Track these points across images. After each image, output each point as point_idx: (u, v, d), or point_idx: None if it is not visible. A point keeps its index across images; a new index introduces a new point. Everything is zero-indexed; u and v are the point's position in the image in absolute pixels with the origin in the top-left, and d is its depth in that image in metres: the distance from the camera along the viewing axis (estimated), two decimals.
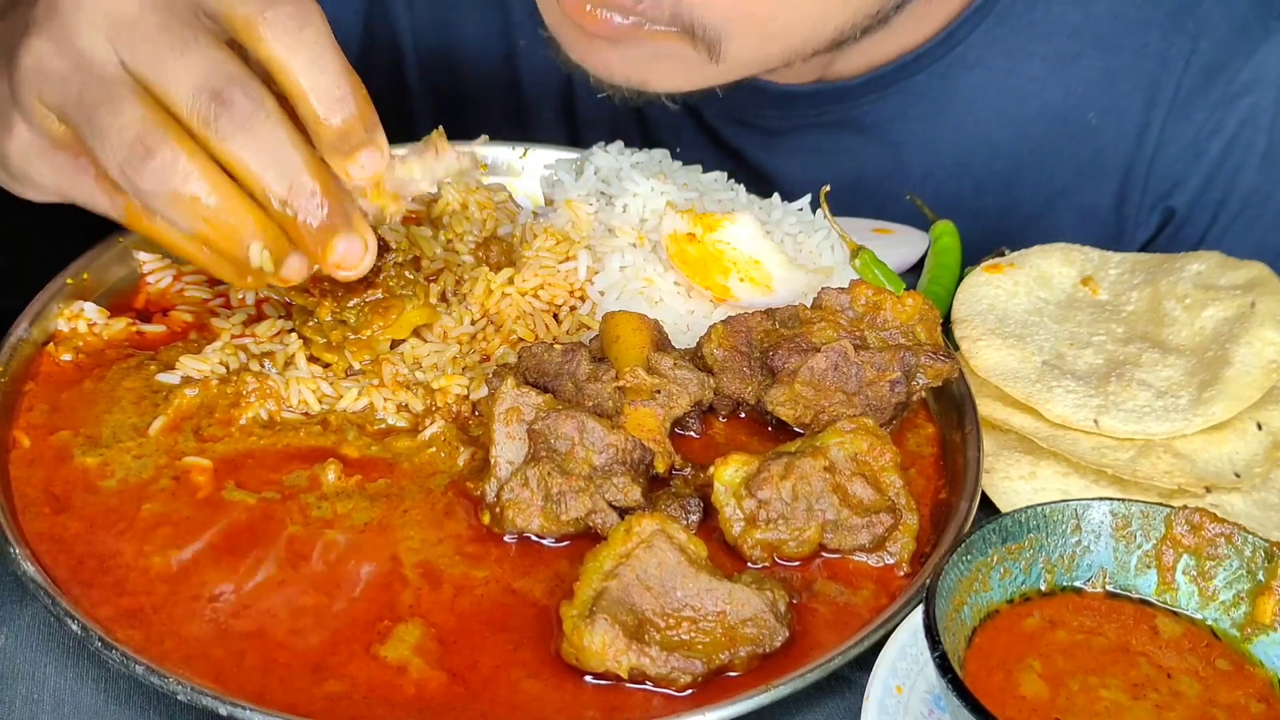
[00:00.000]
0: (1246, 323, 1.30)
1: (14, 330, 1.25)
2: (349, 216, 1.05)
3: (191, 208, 1.01)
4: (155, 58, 0.98)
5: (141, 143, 0.99)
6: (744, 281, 1.33)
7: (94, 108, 1.00)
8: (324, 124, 1.01)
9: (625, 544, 1.04)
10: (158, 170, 0.99)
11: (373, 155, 1.03)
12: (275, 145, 0.99)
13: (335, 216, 1.03)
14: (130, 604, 1.05)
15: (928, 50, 1.57)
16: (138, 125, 0.99)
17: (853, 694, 1.05)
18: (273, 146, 0.99)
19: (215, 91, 0.97)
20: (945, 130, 1.61)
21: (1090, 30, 1.57)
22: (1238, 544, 1.01)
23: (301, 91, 1.00)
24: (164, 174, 0.99)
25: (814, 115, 1.62)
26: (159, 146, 0.99)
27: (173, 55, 0.98)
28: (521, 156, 1.55)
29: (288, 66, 1.00)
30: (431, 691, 1.00)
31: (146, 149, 0.99)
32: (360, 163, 1.03)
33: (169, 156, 0.99)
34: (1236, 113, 1.56)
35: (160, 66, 0.98)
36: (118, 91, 0.99)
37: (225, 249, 1.04)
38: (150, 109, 0.99)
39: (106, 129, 0.99)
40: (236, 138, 0.98)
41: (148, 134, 0.99)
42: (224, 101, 0.97)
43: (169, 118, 1.00)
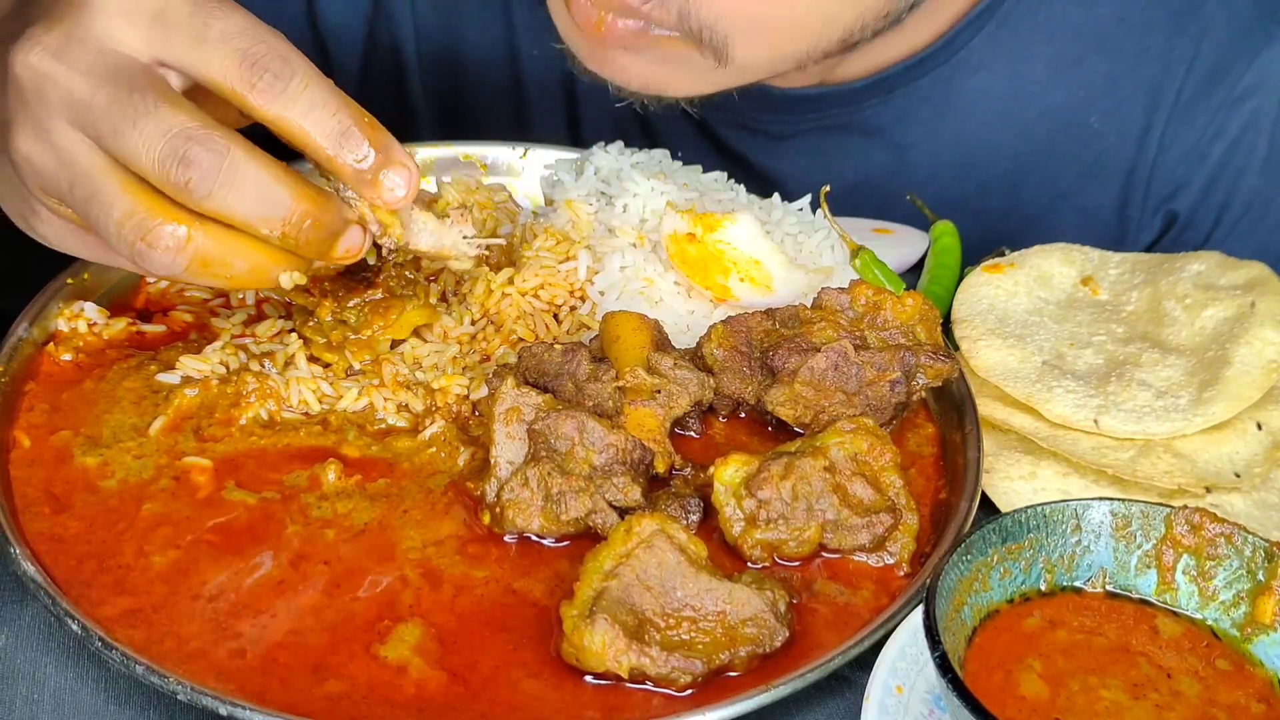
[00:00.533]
0: (1246, 323, 1.30)
1: (14, 330, 1.25)
2: (346, 216, 1.05)
3: (207, 270, 1.02)
4: (114, 134, 0.97)
5: (140, 233, 0.99)
6: (744, 281, 1.33)
7: (85, 204, 1.00)
8: (337, 164, 1.02)
9: (625, 544, 1.04)
10: (166, 253, 0.99)
11: (398, 174, 1.03)
12: (253, 189, 0.99)
13: (332, 224, 1.04)
14: (130, 604, 1.05)
15: (931, 53, 1.57)
16: (130, 218, 0.99)
17: (853, 694, 1.05)
18: (251, 191, 0.99)
19: (177, 156, 0.96)
20: (948, 133, 1.61)
21: (1093, 34, 1.57)
22: (1238, 544, 1.01)
23: (306, 142, 1.00)
24: (173, 254, 1.00)
25: (817, 119, 1.62)
26: (157, 232, 0.99)
27: (128, 128, 0.97)
28: (521, 157, 1.55)
29: (286, 125, 1.00)
30: (431, 691, 1.00)
31: (147, 238, 0.99)
32: (388, 187, 1.04)
33: (171, 240, 0.99)
34: (1239, 116, 1.56)
35: (121, 142, 0.97)
36: (100, 183, 0.99)
37: (258, 285, 1.06)
38: (135, 194, 0.99)
39: (105, 225, 1.00)
40: (214, 196, 0.98)
41: (142, 224, 0.99)
42: (188, 163, 0.96)
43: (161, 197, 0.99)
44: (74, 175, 1.00)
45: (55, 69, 0.99)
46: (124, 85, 0.97)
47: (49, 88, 0.99)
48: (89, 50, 0.99)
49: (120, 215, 0.99)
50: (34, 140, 1.01)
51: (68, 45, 0.99)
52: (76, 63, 0.99)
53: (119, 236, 0.99)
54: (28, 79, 1.00)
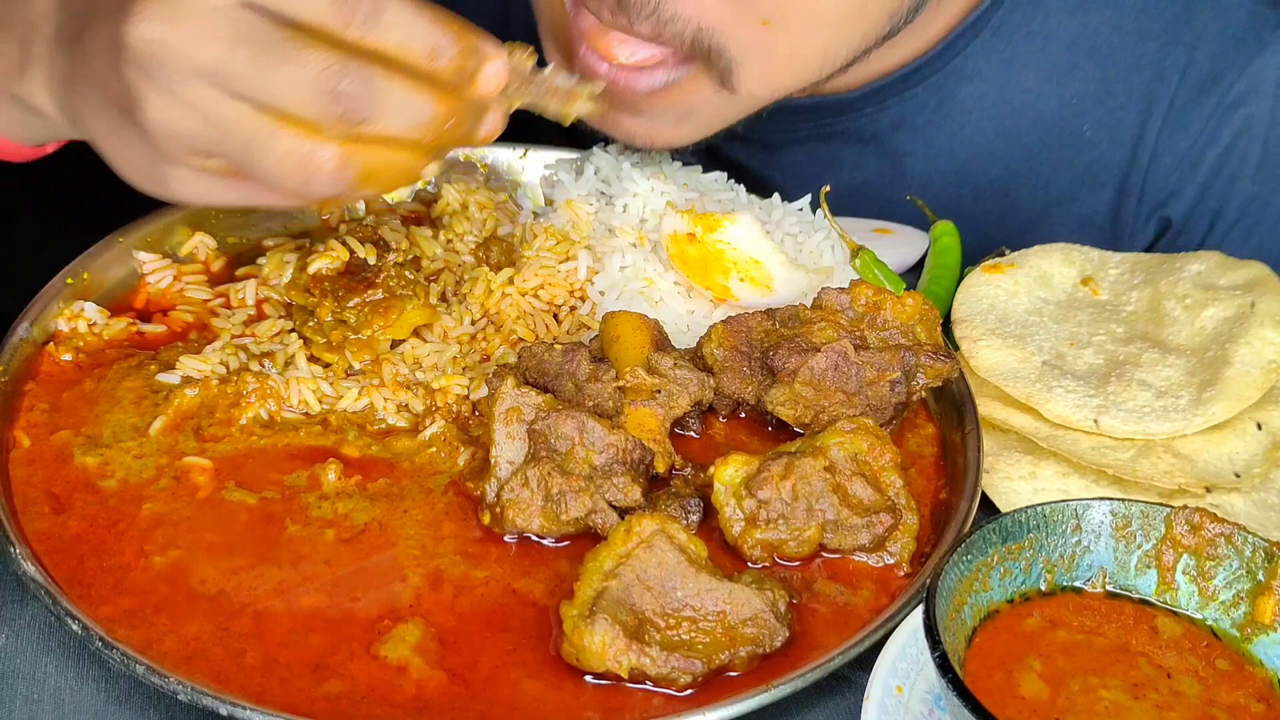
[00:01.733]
0: (1246, 323, 1.30)
1: (14, 330, 1.25)
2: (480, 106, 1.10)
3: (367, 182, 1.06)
4: (261, 90, 1.01)
5: (304, 165, 1.03)
6: (744, 281, 1.33)
7: (242, 152, 1.03)
8: (436, 75, 1.06)
9: (625, 544, 1.04)
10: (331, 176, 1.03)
11: (491, 68, 1.08)
12: (398, 106, 1.03)
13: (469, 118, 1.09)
14: (130, 604, 1.05)
15: (926, 62, 1.58)
16: (292, 154, 1.02)
17: (853, 694, 1.05)
18: (397, 108, 1.03)
19: (327, 95, 1.01)
20: (943, 141, 1.62)
21: (1087, 42, 1.58)
22: (1238, 544, 1.01)
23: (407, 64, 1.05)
24: (337, 176, 1.04)
25: (812, 127, 1.63)
26: (318, 161, 1.03)
27: (271, 82, 1.01)
28: (521, 157, 1.55)
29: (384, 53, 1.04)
30: (431, 691, 1.00)
31: (310, 168, 1.03)
32: (483, 82, 1.08)
33: (333, 163, 1.03)
34: (1232, 123, 1.56)
35: (269, 96, 1.01)
36: (253, 128, 1.02)
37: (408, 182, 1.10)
38: (290, 128, 1.02)
39: (266, 166, 1.03)
40: (367, 122, 1.02)
41: (304, 157, 1.02)
42: (339, 97, 1.01)
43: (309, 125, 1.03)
44: (223, 128, 1.03)
45: (173, 36, 1.01)
46: (256, 41, 1.00)
47: (171, 55, 1.01)
48: (198, 11, 1.01)
49: (282, 153, 1.02)
50: (168, 106, 1.03)
51: (176, 10, 1.01)
52: (192, 27, 1.01)
53: (283, 172, 1.03)
54: (148, 51, 1.01)
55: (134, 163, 1.10)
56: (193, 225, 1.42)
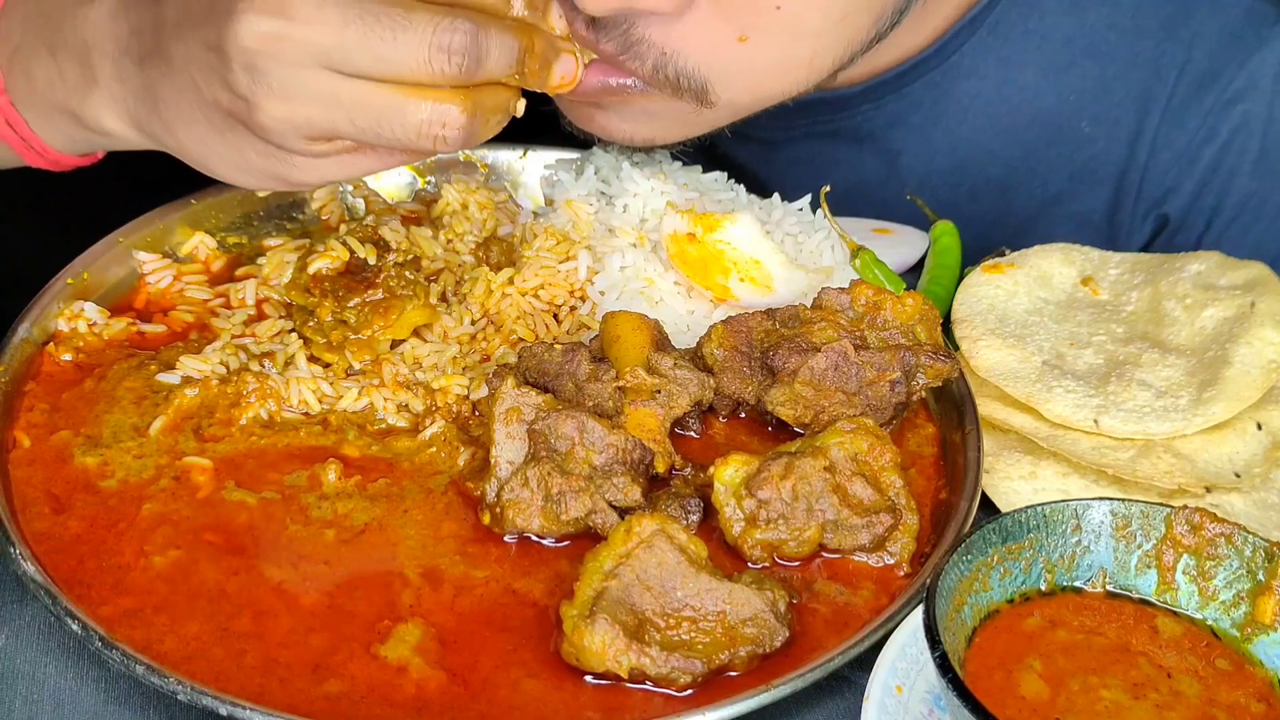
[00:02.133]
0: (1246, 323, 1.30)
1: (14, 330, 1.25)
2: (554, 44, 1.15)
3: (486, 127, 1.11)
4: (378, 60, 1.05)
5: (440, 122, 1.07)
6: (744, 281, 1.33)
7: (375, 125, 1.07)
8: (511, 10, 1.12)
9: (625, 544, 1.04)
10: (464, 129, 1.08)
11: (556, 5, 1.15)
12: (497, 49, 1.07)
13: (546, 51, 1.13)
14: (130, 604, 1.05)
15: (923, 59, 1.57)
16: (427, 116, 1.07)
17: (853, 694, 1.05)
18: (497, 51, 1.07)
19: (443, 50, 1.05)
20: (940, 138, 1.62)
21: (1084, 40, 1.58)
22: (1238, 544, 1.01)
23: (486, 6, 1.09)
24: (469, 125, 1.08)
25: (808, 125, 1.63)
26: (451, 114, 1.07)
27: (389, 50, 1.04)
28: (521, 157, 1.55)
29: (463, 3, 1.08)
30: (431, 691, 1.00)
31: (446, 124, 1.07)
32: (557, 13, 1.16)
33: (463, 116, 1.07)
34: (1230, 119, 1.56)
35: (388, 66, 1.05)
36: (381, 102, 1.06)
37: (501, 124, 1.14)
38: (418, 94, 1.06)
39: (401, 133, 1.07)
40: (480, 68, 1.07)
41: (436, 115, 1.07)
42: (453, 51, 1.05)
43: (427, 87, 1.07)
44: (350, 109, 1.06)
45: (285, 28, 1.04)
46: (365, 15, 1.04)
47: (286, 46, 1.04)
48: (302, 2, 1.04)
49: (417, 121, 1.07)
50: (287, 99, 1.06)
51: (281, 5, 1.04)
52: (301, 16, 1.04)
53: (420, 136, 1.07)
54: (262, 48, 1.04)
55: (246, 162, 1.13)
56: (193, 225, 1.42)
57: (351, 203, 1.48)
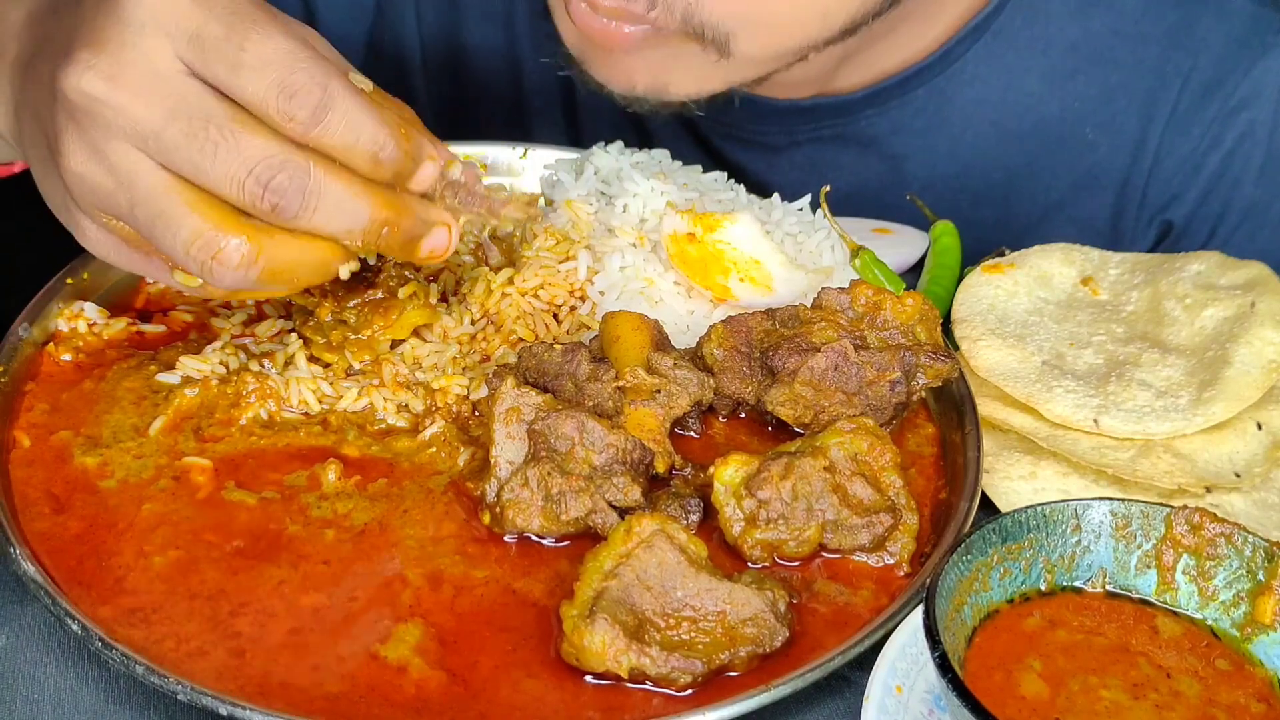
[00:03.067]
0: (1246, 323, 1.30)
1: (14, 330, 1.25)
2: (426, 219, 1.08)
3: (275, 279, 1.04)
4: (193, 167, 0.99)
5: (209, 251, 1.00)
6: (744, 281, 1.33)
7: (150, 225, 1.01)
8: (378, 175, 1.04)
9: (625, 544, 1.04)
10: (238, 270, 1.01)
11: (425, 169, 1.07)
12: (335, 205, 1.01)
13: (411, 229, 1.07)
14: (130, 604, 1.05)
15: (927, 65, 1.58)
16: (199, 237, 1.00)
17: (853, 694, 1.05)
18: (334, 208, 1.01)
19: (262, 184, 0.99)
20: (944, 144, 1.62)
21: (1088, 47, 1.58)
22: (1238, 544, 1.01)
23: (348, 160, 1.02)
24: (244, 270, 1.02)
25: (812, 130, 1.63)
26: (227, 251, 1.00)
27: (207, 162, 0.98)
28: (521, 157, 1.55)
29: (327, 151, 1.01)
30: (431, 691, 1.00)
31: (218, 256, 1.00)
32: (418, 180, 1.07)
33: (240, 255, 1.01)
34: (1234, 127, 1.57)
35: (199, 175, 0.99)
36: (164, 203, 1.00)
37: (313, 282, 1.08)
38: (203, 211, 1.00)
39: (171, 245, 1.01)
40: (299, 218, 1.01)
41: (211, 242, 1.00)
42: (275, 191, 0.99)
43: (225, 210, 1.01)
44: (135, 196, 1.00)
45: (112, 96, 0.98)
46: (196, 116, 0.98)
47: (107, 113, 0.99)
48: (142, 74, 0.99)
49: (188, 235, 1.00)
50: (88, 160, 1.01)
51: (120, 69, 0.99)
52: (134, 89, 0.99)
53: (187, 255, 1.01)
54: (82, 104, 0.99)
55: (52, 199, 1.09)
56: None
57: None
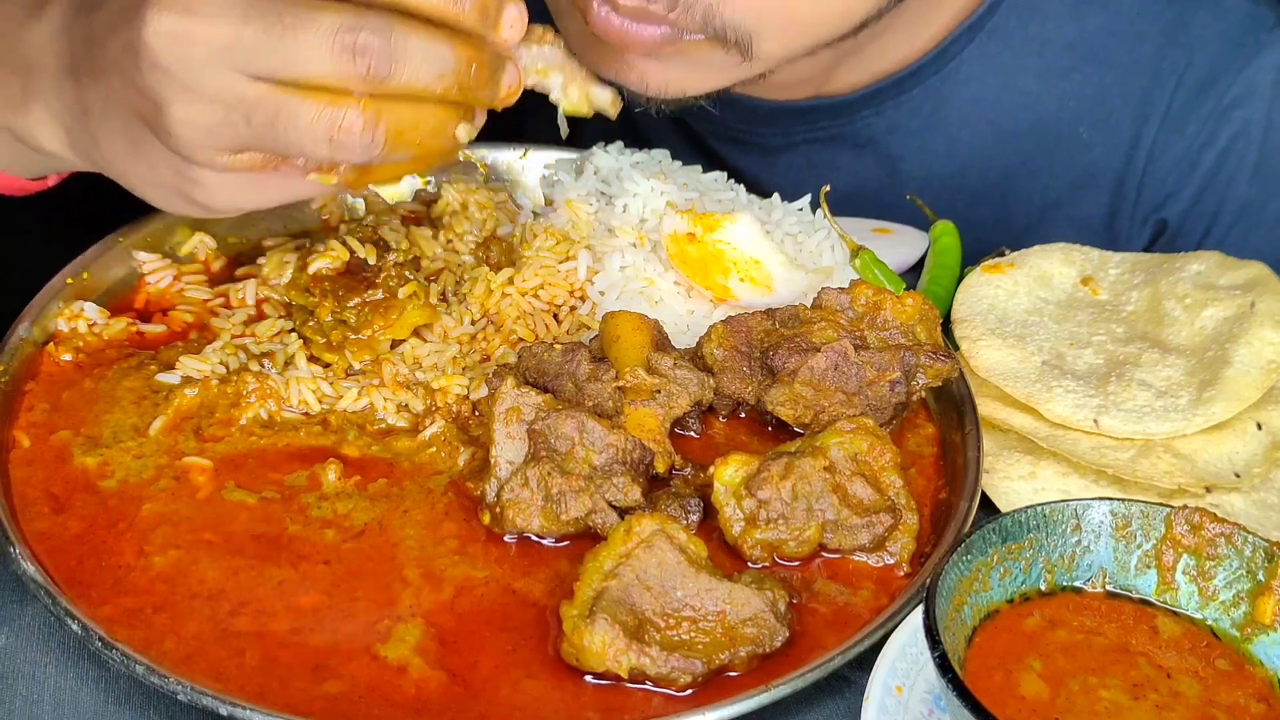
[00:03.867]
0: (1246, 323, 1.30)
1: (14, 330, 1.25)
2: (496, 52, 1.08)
3: (400, 140, 1.04)
4: (281, 59, 1.00)
5: (334, 124, 1.01)
6: (744, 281, 1.33)
7: (270, 126, 1.02)
8: (459, 20, 1.04)
9: (625, 544, 1.04)
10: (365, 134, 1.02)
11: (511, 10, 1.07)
12: (420, 54, 1.02)
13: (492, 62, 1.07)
14: (130, 604, 1.05)
15: (923, 65, 1.58)
16: (320, 115, 1.01)
17: (853, 694, 1.05)
18: (420, 57, 1.02)
19: (349, 51, 1.00)
20: (939, 144, 1.62)
21: (1084, 46, 1.58)
22: (1238, 544, 1.01)
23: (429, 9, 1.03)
24: (371, 133, 1.02)
25: (809, 131, 1.63)
26: (350, 117, 1.02)
27: (291, 47, 0.99)
28: (522, 157, 1.55)
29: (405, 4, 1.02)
30: (431, 691, 1.00)
31: (343, 125, 1.02)
32: (508, 23, 1.07)
33: (364, 120, 1.02)
34: (1229, 125, 1.57)
35: (290, 63, 1.00)
36: (277, 101, 1.01)
37: (436, 147, 1.08)
38: (315, 95, 1.01)
39: (294, 135, 1.02)
40: (392, 74, 1.01)
41: (333, 116, 1.01)
42: (361, 52, 1.00)
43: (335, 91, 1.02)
44: (247, 107, 1.01)
45: (191, 25, 1.00)
46: (267, 12, 0.99)
47: (192, 46, 1.00)
48: None
49: (309, 117, 1.01)
50: (192, 101, 1.02)
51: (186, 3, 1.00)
52: (204, 11, 1.00)
53: (313, 137, 1.02)
54: (166, 46, 1.01)
55: (159, 178, 1.09)
56: (193, 225, 1.41)
57: (351, 203, 1.47)
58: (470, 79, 1.05)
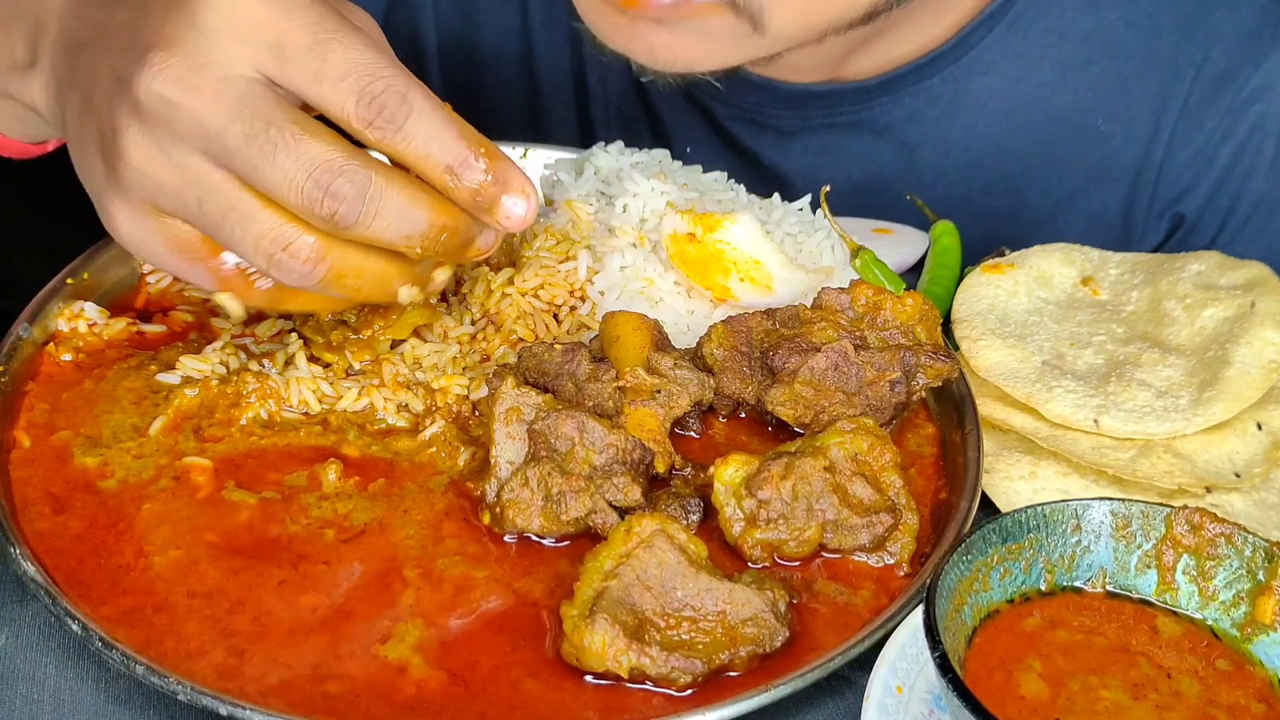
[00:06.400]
0: (1246, 323, 1.30)
1: (14, 330, 1.25)
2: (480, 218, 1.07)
3: (339, 282, 1.04)
4: (253, 170, 0.99)
5: (281, 244, 1.01)
6: (744, 281, 1.33)
7: (220, 218, 1.01)
8: (455, 191, 1.03)
9: (625, 544, 1.04)
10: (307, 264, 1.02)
11: (513, 201, 1.05)
12: (394, 212, 1.01)
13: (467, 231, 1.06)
14: (130, 604, 1.05)
15: (941, 54, 1.58)
16: (272, 230, 1.01)
17: (853, 694, 1.05)
18: (393, 215, 1.01)
19: (322, 190, 0.98)
20: (957, 133, 1.62)
21: (1102, 38, 1.58)
22: (1238, 544, 1.01)
23: (424, 173, 1.02)
24: (312, 265, 1.02)
25: (827, 115, 1.63)
26: (299, 244, 1.01)
27: (267, 165, 0.98)
28: (522, 157, 1.55)
29: (404, 159, 1.01)
30: (431, 691, 1.00)
31: (289, 249, 1.01)
32: (505, 213, 1.05)
33: (311, 251, 1.01)
34: (1246, 119, 1.57)
35: (260, 178, 0.99)
36: (236, 199, 1.00)
37: (373, 297, 1.08)
38: (274, 208, 1.01)
39: (241, 238, 1.01)
40: (359, 224, 1.00)
41: (283, 236, 1.01)
42: (334, 196, 0.98)
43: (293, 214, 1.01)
44: (205, 193, 1.01)
45: (184, 99, 0.99)
46: (258, 118, 0.98)
47: (178, 117, 0.99)
48: (213, 78, 0.99)
49: (261, 227, 1.00)
50: (154, 158, 1.01)
51: (191, 74, 0.99)
52: (203, 93, 0.99)
53: (257, 248, 1.01)
54: (152, 105, 0.99)
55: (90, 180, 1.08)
56: None
57: None
58: (437, 245, 1.04)
